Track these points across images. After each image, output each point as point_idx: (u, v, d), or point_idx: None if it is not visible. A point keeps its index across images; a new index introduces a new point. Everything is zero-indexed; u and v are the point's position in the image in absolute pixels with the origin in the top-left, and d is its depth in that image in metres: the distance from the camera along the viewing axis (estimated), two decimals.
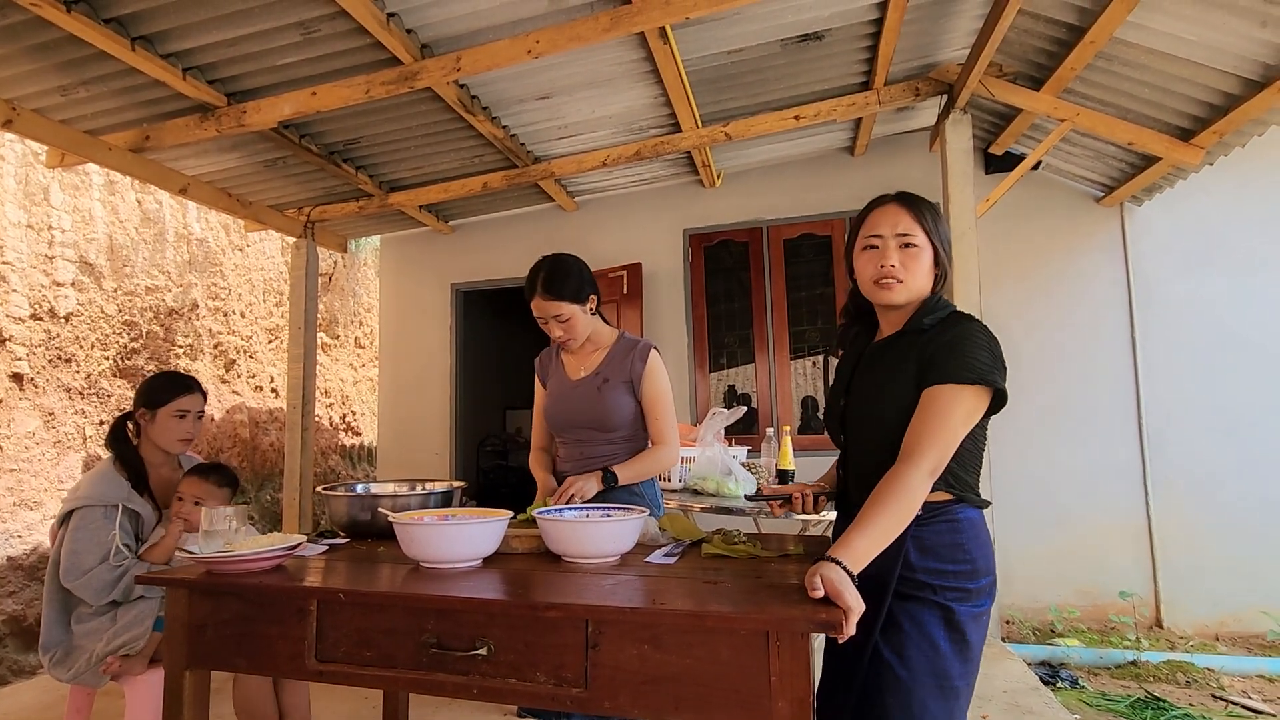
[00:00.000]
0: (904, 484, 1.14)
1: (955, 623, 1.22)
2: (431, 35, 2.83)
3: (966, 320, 1.28)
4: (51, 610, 1.94)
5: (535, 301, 1.88)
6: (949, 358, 1.21)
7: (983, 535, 1.28)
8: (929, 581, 1.23)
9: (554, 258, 1.93)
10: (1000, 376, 1.22)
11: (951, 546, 1.24)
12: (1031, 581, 4.03)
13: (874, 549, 1.12)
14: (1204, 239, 4.06)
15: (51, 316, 3.71)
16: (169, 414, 2.04)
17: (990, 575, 1.27)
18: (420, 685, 1.22)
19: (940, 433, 1.17)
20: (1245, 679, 3.29)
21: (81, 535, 1.88)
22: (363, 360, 6.56)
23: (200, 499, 1.97)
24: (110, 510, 1.91)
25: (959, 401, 1.19)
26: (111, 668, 1.86)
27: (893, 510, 1.13)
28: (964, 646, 1.23)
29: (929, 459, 1.16)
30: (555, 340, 1.95)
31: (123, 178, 4.09)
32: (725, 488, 2.70)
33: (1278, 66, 2.78)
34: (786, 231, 4.60)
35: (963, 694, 1.24)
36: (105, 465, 2.00)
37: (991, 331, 1.27)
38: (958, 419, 1.19)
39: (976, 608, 1.24)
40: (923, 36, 3.28)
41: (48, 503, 3.62)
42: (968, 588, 1.23)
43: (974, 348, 1.21)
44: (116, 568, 1.88)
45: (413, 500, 1.77)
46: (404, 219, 4.98)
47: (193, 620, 1.36)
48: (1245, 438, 3.90)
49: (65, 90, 2.99)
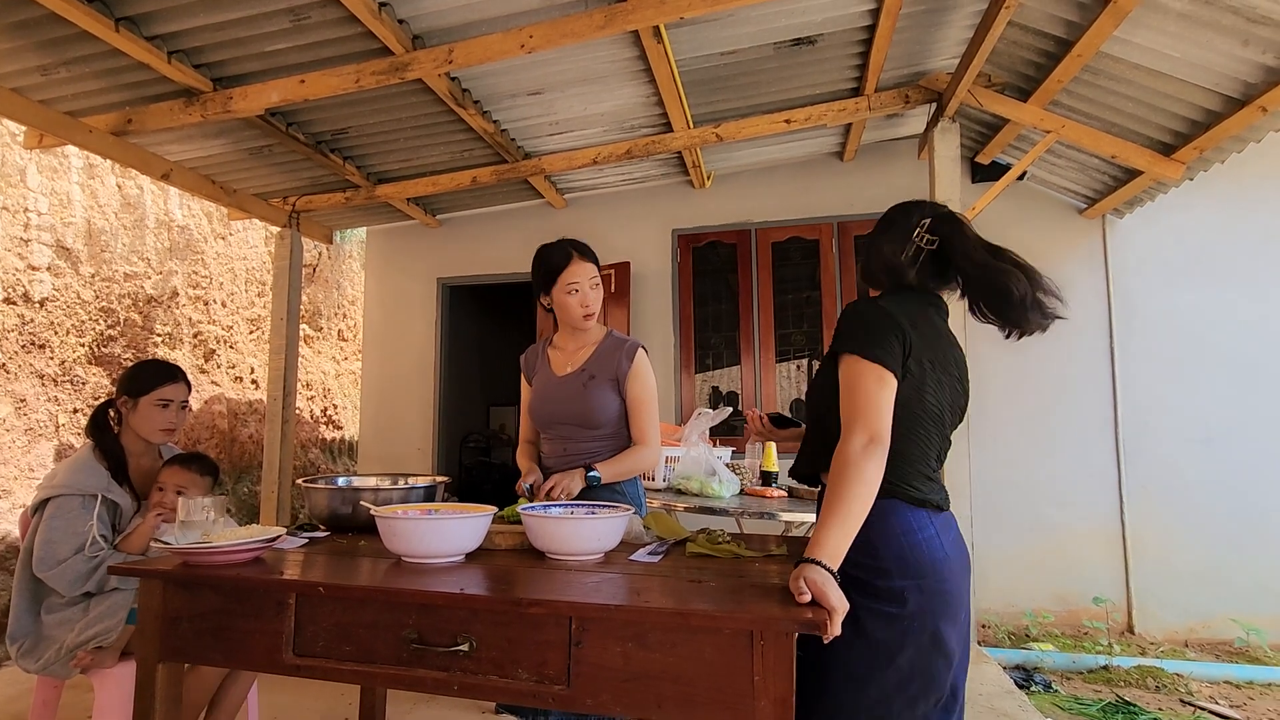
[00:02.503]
0: (846, 459, 1.14)
1: (855, 615, 1.12)
2: (423, 26, 2.81)
3: (867, 301, 1.34)
4: (21, 599, 1.89)
5: (574, 265, 1.91)
6: (842, 334, 1.26)
7: (900, 540, 1.20)
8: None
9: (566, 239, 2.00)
10: (879, 349, 1.19)
11: (858, 541, 1.14)
12: (1007, 586, 4.08)
13: (845, 537, 1.11)
14: (1183, 252, 4.13)
15: (26, 301, 3.63)
16: (151, 403, 2.00)
17: (910, 581, 1.18)
18: (400, 681, 1.20)
19: (854, 401, 1.18)
20: (1213, 685, 3.36)
21: (57, 524, 1.83)
22: (345, 353, 6.49)
23: (182, 488, 1.94)
24: (89, 500, 1.87)
25: (858, 370, 1.20)
26: (83, 661, 1.82)
27: (848, 491, 1.12)
28: (866, 641, 1.18)
29: (859, 427, 1.16)
30: (584, 310, 1.93)
31: (103, 161, 4.01)
32: (709, 488, 2.70)
33: (1259, 85, 2.83)
34: (775, 234, 4.62)
35: (871, 685, 1.18)
36: (84, 453, 1.96)
37: (890, 310, 1.26)
38: (863, 385, 1.18)
39: (886, 606, 1.18)
40: (914, 45, 3.31)
41: (18, 491, 3.54)
42: (873, 583, 1.19)
43: (857, 321, 1.25)
44: (92, 559, 1.84)
45: (395, 494, 1.76)
46: (391, 211, 4.94)
47: (167, 612, 1.33)
48: (1219, 448, 3.98)
49: (46, 70, 2.92)
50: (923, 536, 1.21)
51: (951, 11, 3.05)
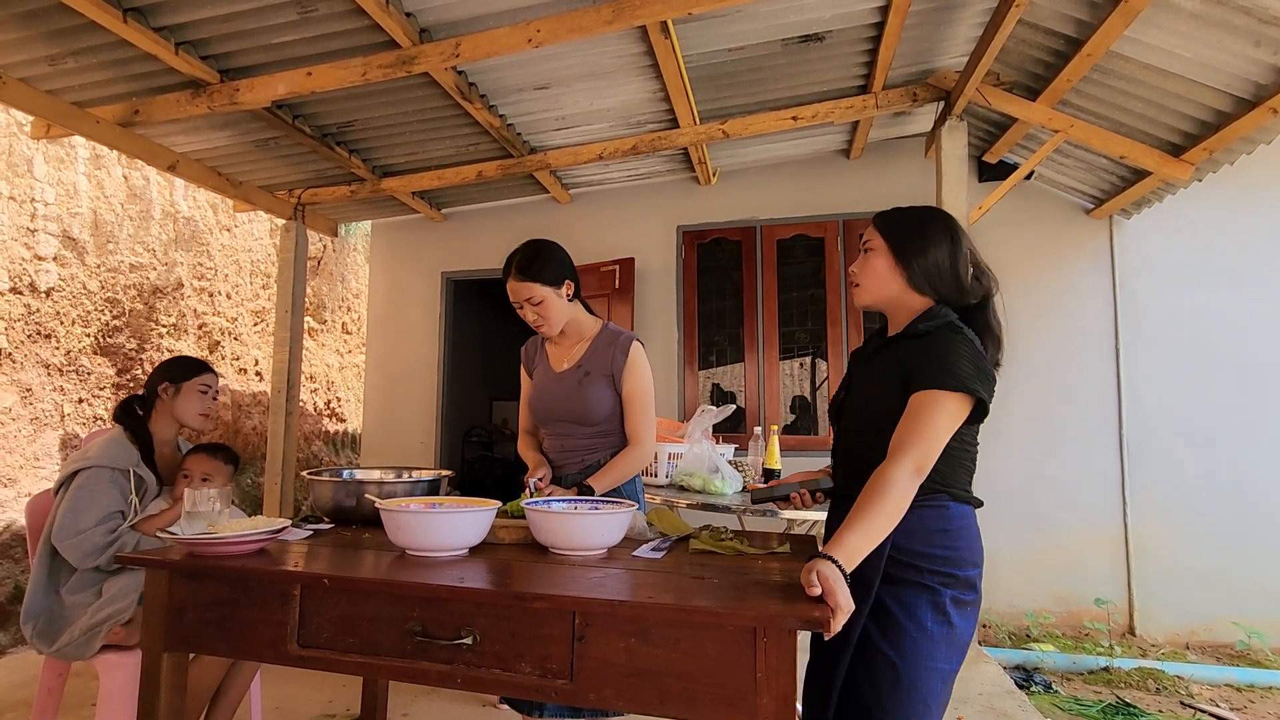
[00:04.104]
0: (891, 481, 1.18)
1: (941, 605, 1.26)
2: (431, 20, 2.80)
3: (952, 331, 1.32)
4: (38, 577, 1.92)
5: (510, 283, 1.86)
6: (932, 365, 1.27)
7: (971, 530, 1.32)
8: (914, 564, 1.27)
9: (533, 241, 1.91)
10: (981, 386, 1.26)
11: (937, 533, 1.28)
12: (1009, 587, 4.08)
13: (867, 545, 1.15)
14: (1190, 253, 4.12)
15: (32, 291, 3.64)
16: (194, 388, 2.11)
17: (977, 568, 1.30)
18: (404, 673, 1.21)
19: (924, 434, 1.22)
20: (1214, 687, 3.35)
21: (84, 495, 1.87)
22: (349, 346, 6.50)
23: (209, 475, 2.02)
24: (118, 475, 1.92)
25: (941, 406, 1.24)
26: (117, 636, 1.86)
27: (882, 506, 1.16)
28: (950, 630, 1.26)
29: (913, 457, 1.20)
30: (531, 325, 1.92)
31: (109, 152, 4.02)
32: (712, 485, 2.70)
33: (1269, 86, 2.82)
34: (780, 232, 4.61)
35: (949, 678, 1.27)
36: (116, 432, 2.02)
37: (976, 343, 1.32)
38: (941, 422, 1.24)
39: (963, 595, 1.28)
40: (922, 42, 3.29)
41: (23, 480, 3.55)
42: (954, 574, 1.27)
43: (956, 357, 1.27)
44: (111, 532, 1.87)
45: (399, 487, 1.76)
46: (396, 205, 4.94)
47: (173, 602, 1.34)
48: (1223, 450, 3.96)
49: (54, 60, 2.92)
50: (977, 529, 1.34)
51: (961, 9, 3.04)
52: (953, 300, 1.37)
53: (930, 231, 1.37)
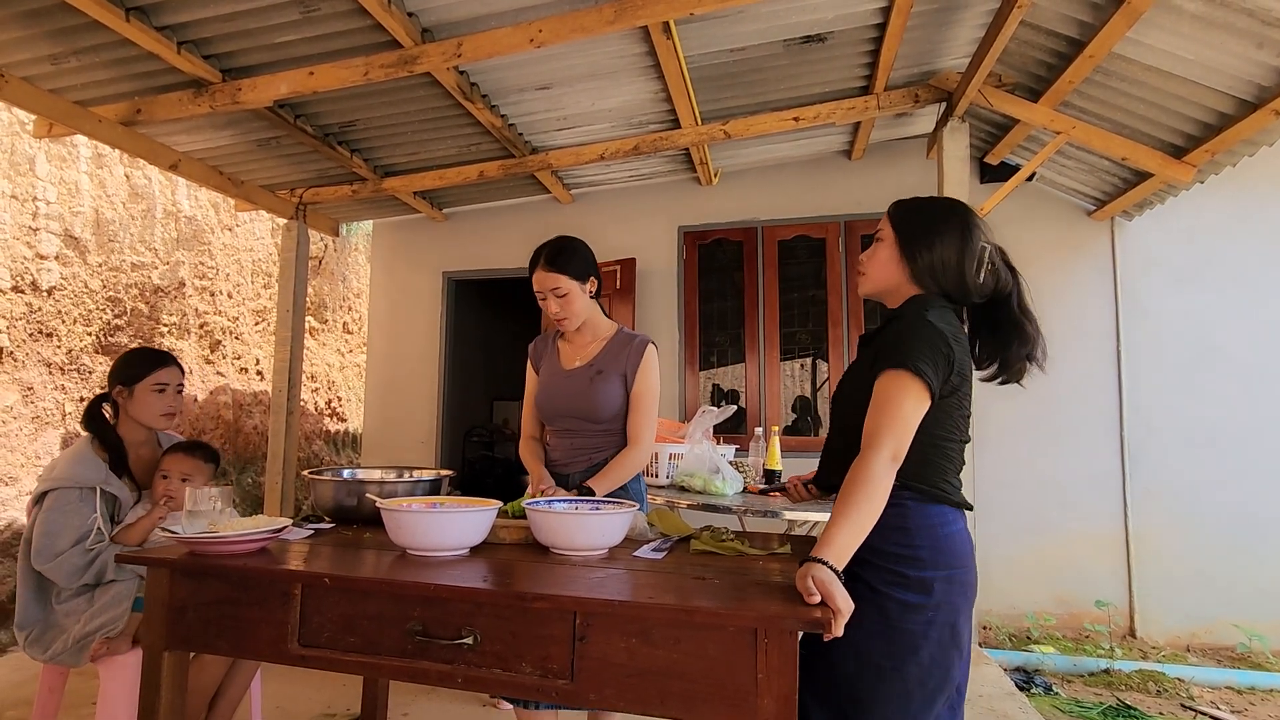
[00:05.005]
0: (866, 471, 1.16)
1: (883, 606, 1.21)
2: (433, 20, 2.80)
3: (919, 314, 1.28)
4: (26, 589, 1.89)
5: (537, 274, 1.90)
6: (888, 347, 1.25)
7: (936, 532, 1.24)
8: (862, 556, 1.18)
9: (562, 236, 1.96)
10: (928, 365, 1.20)
11: (894, 530, 1.22)
12: (1009, 588, 4.07)
13: (854, 541, 1.14)
14: (1192, 255, 4.11)
15: (33, 289, 3.64)
16: (147, 389, 1.99)
17: (941, 572, 1.22)
18: (404, 673, 1.21)
19: (892, 420, 1.19)
20: (1215, 690, 3.35)
21: (55, 517, 1.82)
22: (350, 346, 6.50)
23: (187, 475, 1.95)
24: (87, 493, 1.86)
25: (900, 386, 1.20)
26: (97, 652, 1.82)
27: (862, 500, 1.14)
28: (890, 631, 1.21)
29: (887, 445, 1.18)
30: (551, 317, 1.93)
31: (111, 151, 4.02)
32: (713, 485, 2.70)
33: (1272, 88, 2.81)
34: (781, 233, 4.61)
35: (893, 678, 1.21)
36: (83, 445, 1.95)
37: (940, 327, 1.25)
38: (905, 404, 1.20)
39: (911, 598, 1.21)
40: (924, 43, 3.29)
41: (24, 479, 3.56)
42: (903, 574, 1.22)
43: (913, 338, 1.23)
44: (89, 551, 1.83)
45: (400, 487, 1.76)
46: (397, 205, 4.94)
47: (173, 601, 1.34)
48: (1224, 452, 3.96)
49: (56, 59, 2.93)
50: (955, 529, 1.27)
51: (963, 10, 3.04)
52: (957, 296, 1.34)
53: (941, 226, 1.33)
